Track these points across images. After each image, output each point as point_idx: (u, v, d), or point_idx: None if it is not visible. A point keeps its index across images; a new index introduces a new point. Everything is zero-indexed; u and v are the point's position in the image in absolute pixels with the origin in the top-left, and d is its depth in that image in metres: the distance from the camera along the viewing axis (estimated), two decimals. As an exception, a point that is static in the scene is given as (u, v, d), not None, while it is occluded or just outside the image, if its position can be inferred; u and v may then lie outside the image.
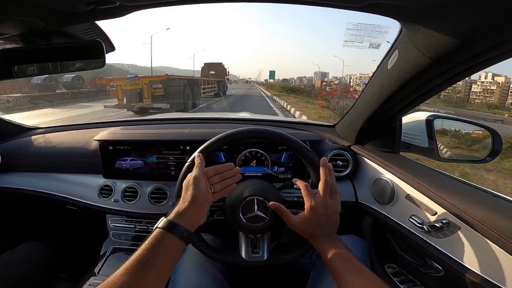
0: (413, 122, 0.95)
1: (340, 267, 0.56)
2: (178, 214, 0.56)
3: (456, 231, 0.62)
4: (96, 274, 0.95)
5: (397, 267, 0.85)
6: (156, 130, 1.13)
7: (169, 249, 0.51)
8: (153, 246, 0.49)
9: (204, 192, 0.60)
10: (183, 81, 11.13)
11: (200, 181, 0.61)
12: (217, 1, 0.62)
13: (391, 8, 0.52)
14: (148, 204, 1.02)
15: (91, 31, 0.69)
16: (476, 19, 0.45)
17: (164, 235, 0.52)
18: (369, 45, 0.91)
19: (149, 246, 0.49)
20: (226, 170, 0.69)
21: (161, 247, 0.50)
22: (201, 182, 0.61)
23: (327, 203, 0.63)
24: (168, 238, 0.51)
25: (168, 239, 0.51)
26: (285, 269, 1.01)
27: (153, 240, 0.50)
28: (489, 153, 0.91)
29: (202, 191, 0.60)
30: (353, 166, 1.00)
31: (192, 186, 0.60)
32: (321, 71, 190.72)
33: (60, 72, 0.71)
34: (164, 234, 0.52)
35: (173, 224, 0.53)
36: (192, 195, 0.58)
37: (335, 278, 0.56)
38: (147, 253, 0.48)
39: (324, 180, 0.64)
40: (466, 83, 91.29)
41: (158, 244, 0.50)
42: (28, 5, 0.48)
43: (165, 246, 0.51)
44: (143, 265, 0.47)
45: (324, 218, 0.62)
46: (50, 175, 1.12)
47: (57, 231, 1.36)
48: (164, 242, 0.51)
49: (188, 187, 0.60)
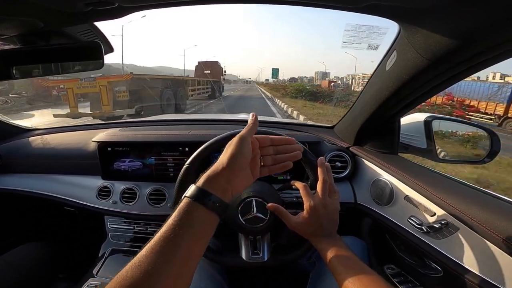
0: (411, 123, 0.95)
1: (340, 266, 0.55)
2: (208, 179, 0.48)
3: (455, 232, 0.62)
4: (95, 275, 0.95)
5: (396, 268, 0.85)
6: (155, 132, 1.13)
7: (199, 223, 0.44)
8: (180, 220, 0.42)
9: (247, 156, 0.51)
10: (160, 82, 9.03)
11: (245, 143, 0.51)
12: (217, 2, 0.62)
13: (390, 9, 0.53)
14: (146, 205, 1.01)
15: (90, 32, 0.69)
16: (474, 20, 0.45)
17: (193, 206, 0.44)
18: (367, 46, 0.91)
19: (176, 220, 0.42)
20: (286, 144, 0.59)
21: (189, 221, 0.43)
22: (246, 145, 0.51)
23: (326, 202, 0.63)
24: (197, 210, 0.44)
25: (198, 211, 0.44)
26: (284, 271, 1.01)
27: (181, 212, 0.43)
28: (488, 154, 0.91)
29: (244, 154, 0.51)
30: (352, 167, 1.00)
31: (234, 145, 0.51)
32: (321, 71, 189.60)
33: (59, 73, 0.71)
34: (193, 204, 0.44)
35: (203, 192, 0.46)
36: (230, 156, 0.49)
37: (336, 277, 0.55)
38: (174, 229, 0.41)
39: (323, 180, 0.64)
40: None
41: (186, 217, 0.43)
42: (27, 6, 0.48)
43: (194, 220, 0.44)
44: (169, 243, 0.40)
45: (323, 217, 0.62)
46: (49, 176, 1.12)
47: (56, 232, 1.36)
48: (193, 215, 0.44)
49: (228, 147, 0.51)
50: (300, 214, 0.65)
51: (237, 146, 0.50)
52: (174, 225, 0.42)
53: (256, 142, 0.55)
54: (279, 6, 0.62)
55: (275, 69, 59.46)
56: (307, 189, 0.66)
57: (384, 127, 0.93)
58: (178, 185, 0.71)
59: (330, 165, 0.68)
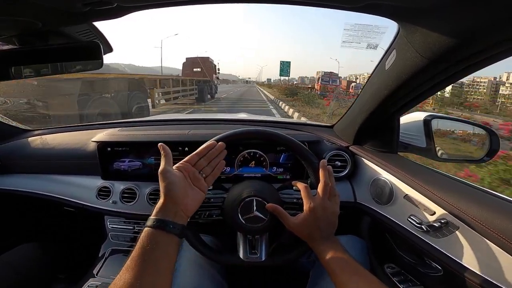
0: (411, 122, 0.95)
1: (337, 269, 0.56)
2: (159, 210, 0.55)
3: (454, 231, 0.62)
4: (95, 276, 0.95)
5: (396, 267, 0.85)
6: (154, 131, 1.13)
7: (161, 245, 0.50)
8: (145, 245, 0.49)
9: (178, 182, 0.59)
10: (79, 85, 5.56)
11: (168, 173, 0.60)
12: (216, 2, 0.62)
13: (389, 9, 0.53)
14: (146, 205, 1.01)
15: (88, 32, 0.69)
16: (473, 19, 0.45)
17: (153, 233, 0.51)
18: (367, 46, 0.92)
19: (143, 246, 0.49)
20: (209, 150, 0.66)
21: (152, 245, 0.49)
22: (170, 175, 0.59)
23: (326, 205, 0.63)
24: (157, 235, 0.51)
25: (158, 236, 0.51)
26: (284, 270, 1.01)
27: (144, 240, 0.50)
28: (487, 152, 0.91)
29: (175, 182, 0.58)
30: (352, 167, 1.00)
31: (161, 180, 0.59)
32: (324, 71, 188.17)
33: (57, 73, 0.71)
34: (153, 232, 0.51)
35: (158, 221, 0.52)
36: (163, 190, 0.57)
37: (333, 280, 0.56)
38: (142, 251, 0.48)
39: (324, 183, 0.64)
40: (492, 85, 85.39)
41: (149, 242, 0.49)
42: (25, 6, 0.48)
43: (157, 243, 0.50)
44: (138, 261, 0.47)
45: (322, 220, 0.62)
46: (48, 176, 1.12)
47: (56, 232, 1.36)
48: (156, 239, 0.50)
49: (160, 183, 0.59)
50: (299, 215, 0.65)
51: (163, 180, 0.59)
52: (142, 248, 0.48)
53: (186, 164, 0.63)
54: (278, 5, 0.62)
55: (285, 62, 34.82)
56: (307, 191, 0.66)
57: (383, 126, 0.93)
58: None
59: (329, 164, 0.69)
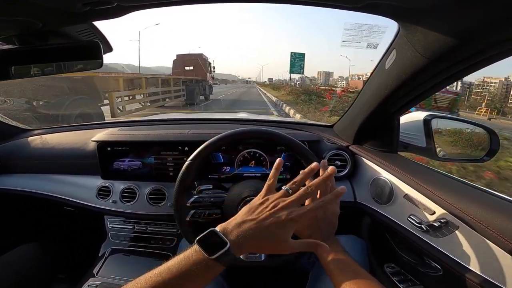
0: (411, 121, 0.95)
1: (336, 270, 0.55)
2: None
3: (454, 231, 0.62)
4: (95, 275, 0.95)
5: (396, 267, 0.85)
6: (154, 131, 1.13)
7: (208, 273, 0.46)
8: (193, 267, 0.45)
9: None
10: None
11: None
12: (216, 1, 0.62)
13: (389, 8, 0.53)
14: (146, 205, 1.01)
15: (88, 31, 0.69)
16: (473, 19, 0.45)
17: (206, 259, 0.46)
18: (366, 45, 0.92)
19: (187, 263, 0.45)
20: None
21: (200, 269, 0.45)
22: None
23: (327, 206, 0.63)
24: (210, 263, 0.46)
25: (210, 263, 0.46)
26: (284, 270, 1.01)
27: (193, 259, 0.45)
28: (487, 152, 0.91)
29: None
30: (352, 166, 1.00)
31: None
32: (325, 71, 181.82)
33: (57, 73, 0.71)
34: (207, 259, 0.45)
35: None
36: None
37: (332, 280, 0.56)
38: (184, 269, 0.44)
39: None
40: (502, 85, 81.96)
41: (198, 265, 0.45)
42: (25, 5, 0.48)
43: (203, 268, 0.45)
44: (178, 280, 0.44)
45: (323, 221, 0.62)
46: (48, 176, 1.12)
47: (56, 232, 1.36)
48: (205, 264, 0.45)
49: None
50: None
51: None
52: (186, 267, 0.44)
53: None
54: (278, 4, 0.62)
55: (297, 54, 22.37)
56: None
57: (383, 126, 0.93)
58: (179, 181, 0.71)
59: (329, 163, 0.68)
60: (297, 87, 21.48)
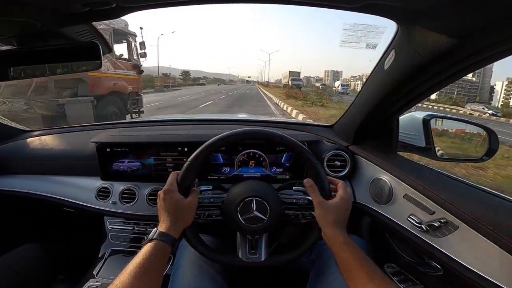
0: (410, 121, 0.95)
1: (352, 261, 0.57)
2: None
3: (454, 230, 0.62)
4: (95, 276, 0.95)
5: (396, 267, 0.85)
6: (154, 132, 1.13)
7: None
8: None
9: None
10: None
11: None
12: (216, 2, 0.62)
13: (388, 9, 0.53)
14: (146, 205, 1.01)
15: (87, 32, 0.69)
16: (471, 19, 0.45)
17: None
18: (365, 46, 0.92)
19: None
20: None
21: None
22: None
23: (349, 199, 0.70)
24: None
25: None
26: (284, 270, 1.01)
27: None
28: (486, 152, 0.91)
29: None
30: (351, 166, 1.00)
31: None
32: (333, 70, 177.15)
33: (56, 74, 0.71)
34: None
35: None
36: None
37: (343, 271, 0.57)
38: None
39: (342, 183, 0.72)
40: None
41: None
42: (24, 6, 0.48)
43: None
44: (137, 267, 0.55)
45: (345, 211, 0.68)
46: (47, 177, 1.12)
47: (55, 233, 1.35)
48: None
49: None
50: (332, 200, 0.69)
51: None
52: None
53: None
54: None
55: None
56: (343, 182, 0.73)
57: (383, 126, 0.93)
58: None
59: (329, 164, 0.69)
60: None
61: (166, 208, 0.65)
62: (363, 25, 0.86)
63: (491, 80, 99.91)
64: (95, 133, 1.12)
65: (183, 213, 0.66)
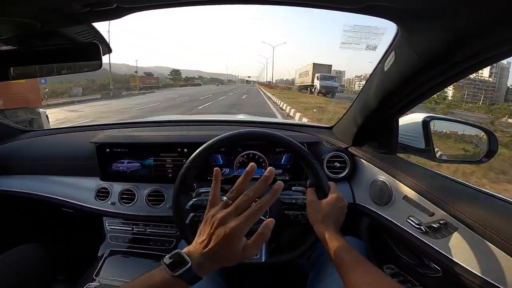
0: (409, 123, 0.95)
1: (344, 259, 0.57)
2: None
3: (453, 232, 0.62)
4: (94, 277, 0.95)
5: (395, 268, 0.85)
6: (153, 133, 1.13)
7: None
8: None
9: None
10: None
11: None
12: (216, 3, 0.62)
13: (388, 10, 0.53)
14: (145, 206, 1.01)
15: (87, 32, 0.69)
16: (471, 20, 0.45)
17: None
18: (365, 47, 0.92)
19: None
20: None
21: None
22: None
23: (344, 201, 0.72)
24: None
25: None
26: (284, 270, 1.01)
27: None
28: (485, 154, 0.91)
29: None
30: (351, 168, 1.00)
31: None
32: (335, 70, 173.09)
33: (56, 74, 0.71)
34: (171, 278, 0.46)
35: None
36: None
37: (341, 270, 0.57)
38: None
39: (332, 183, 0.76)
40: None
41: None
42: (24, 6, 0.48)
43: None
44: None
45: (337, 212, 0.69)
46: (46, 177, 1.12)
47: (54, 233, 1.35)
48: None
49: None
50: (326, 199, 0.71)
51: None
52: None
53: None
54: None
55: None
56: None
57: (382, 128, 0.93)
58: (178, 183, 0.71)
59: (328, 165, 0.70)
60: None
61: (221, 243, 0.47)
62: (363, 27, 0.87)
63: (508, 80, 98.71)
64: (94, 134, 1.12)
65: (231, 260, 0.50)
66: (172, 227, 1.05)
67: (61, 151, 1.14)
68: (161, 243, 1.07)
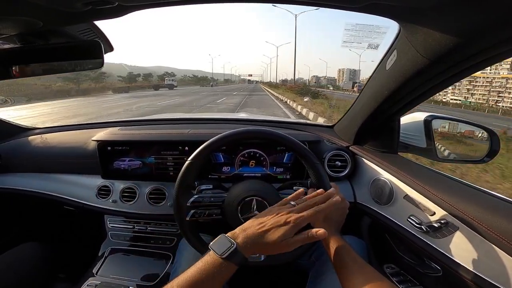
0: (411, 122, 0.95)
1: (344, 262, 0.57)
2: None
3: (454, 231, 0.62)
4: (95, 275, 0.95)
5: (395, 267, 0.85)
6: (155, 131, 1.13)
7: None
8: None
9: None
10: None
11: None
12: (217, 1, 0.62)
13: (390, 9, 0.53)
14: (146, 204, 1.01)
15: (89, 31, 0.69)
16: (474, 19, 0.45)
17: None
18: (367, 46, 0.91)
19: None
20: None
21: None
22: None
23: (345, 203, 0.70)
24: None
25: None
26: (284, 270, 1.01)
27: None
28: (487, 153, 0.91)
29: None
30: (352, 167, 1.00)
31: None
32: (349, 68, 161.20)
33: (58, 72, 0.71)
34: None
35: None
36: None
37: (340, 271, 0.57)
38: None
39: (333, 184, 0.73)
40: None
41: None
42: (26, 5, 0.48)
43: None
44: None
45: (338, 212, 0.68)
46: (48, 175, 1.12)
47: (56, 232, 1.36)
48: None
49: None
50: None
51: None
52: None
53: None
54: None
55: None
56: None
57: (384, 126, 0.93)
58: (179, 181, 0.71)
59: (329, 164, 0.69)
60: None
61: (278, 227, 0.54)
62: (365, 25, 0.86)
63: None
64: (96, 132, 1.12)
65: (275, 246, 0.54)
66: (173, 225, 1.05)
67: (63, 149, 1.14)
68: (162, 241, 1.07)
